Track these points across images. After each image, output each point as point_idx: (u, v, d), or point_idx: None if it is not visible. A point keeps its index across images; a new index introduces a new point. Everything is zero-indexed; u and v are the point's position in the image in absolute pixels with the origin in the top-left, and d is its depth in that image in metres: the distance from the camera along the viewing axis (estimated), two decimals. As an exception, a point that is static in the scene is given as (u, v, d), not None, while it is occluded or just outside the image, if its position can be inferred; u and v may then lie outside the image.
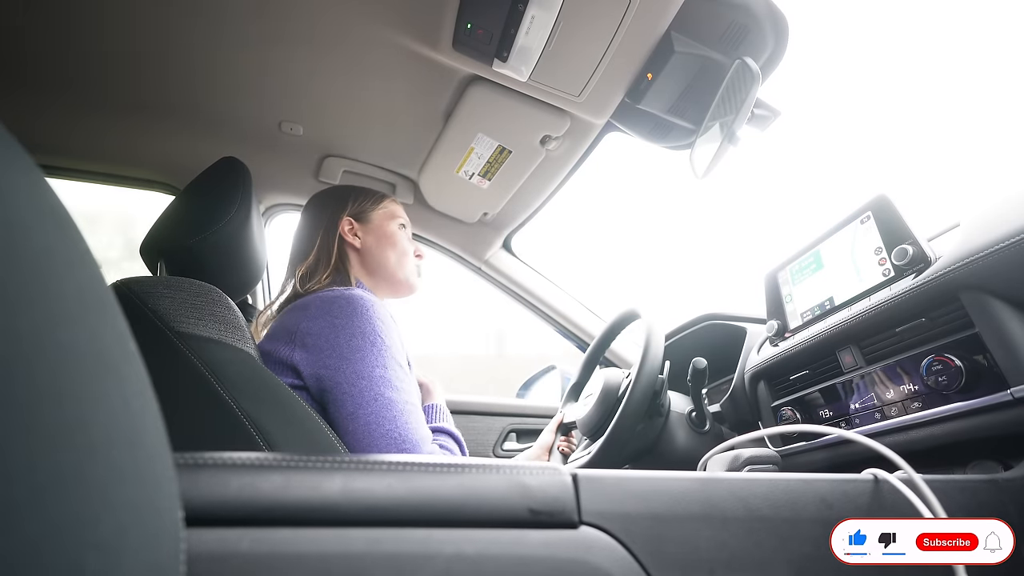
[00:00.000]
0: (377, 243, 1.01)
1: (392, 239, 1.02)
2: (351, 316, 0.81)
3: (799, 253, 1.02)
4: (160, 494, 0.23)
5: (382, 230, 1.03)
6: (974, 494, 0.59)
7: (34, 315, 0.18)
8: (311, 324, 0.81)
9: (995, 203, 0.73)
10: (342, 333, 0.79)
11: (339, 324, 0.80)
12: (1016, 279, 0.65)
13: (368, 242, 1.01)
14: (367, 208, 1.04)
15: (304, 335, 0.80)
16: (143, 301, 0.71)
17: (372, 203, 1.05)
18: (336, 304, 0.82)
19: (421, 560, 0.39)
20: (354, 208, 1.03)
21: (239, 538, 0.36)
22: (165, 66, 1.07)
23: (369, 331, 0.80)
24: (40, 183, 0.21)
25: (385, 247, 1.01)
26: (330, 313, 0.81)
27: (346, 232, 1.00)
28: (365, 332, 0.80)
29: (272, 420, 0.70)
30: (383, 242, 1.01)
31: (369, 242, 1.01)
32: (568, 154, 1.24)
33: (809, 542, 0.50)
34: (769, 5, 0.90)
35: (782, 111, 1.00)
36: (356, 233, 1.01)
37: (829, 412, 0.89)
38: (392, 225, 1.04)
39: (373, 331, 0.80)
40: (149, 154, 1.27)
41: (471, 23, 0.91)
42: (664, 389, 1.00)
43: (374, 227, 1.02)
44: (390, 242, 1.02)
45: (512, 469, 0.46)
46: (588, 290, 1.67)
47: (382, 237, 1.02)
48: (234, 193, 0.86)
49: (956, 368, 0.68)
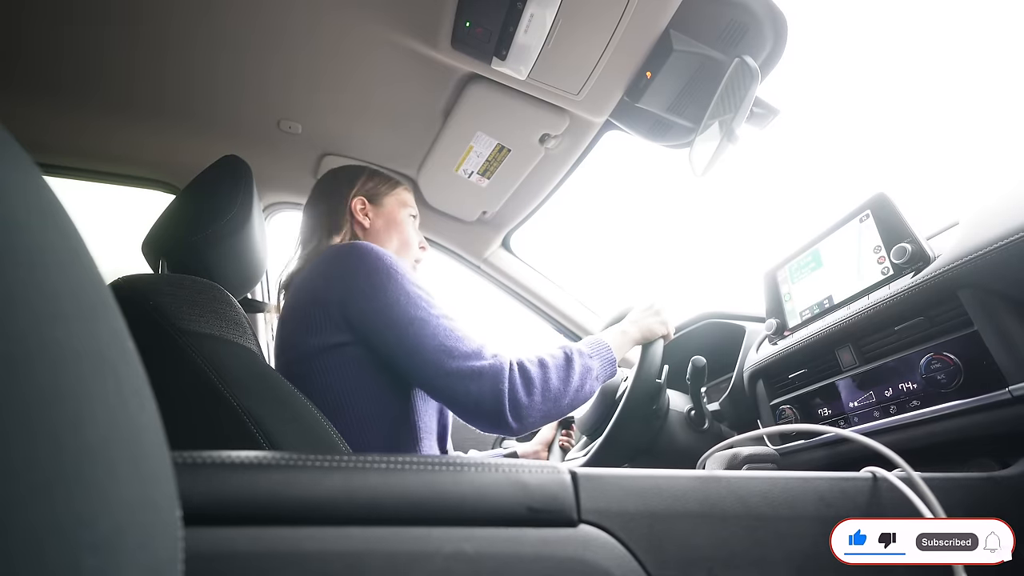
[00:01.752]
0: (385, 227, 1.01)
1: (400, 227, 1.02)
2: (360, 258, 0.81)
3: (798, 251, 1.02)
4: (158, 493, 0.23)
5: (392, 215, 1.02)
6: (972, 492, 0.59)
7: (30, 313, 0.18)
8: (327, 279, 0.81)
9: (994, 201, 0.73)
10: (358, 274, 0.80)
11: (352, 267, 0.80)
12: (1015, 277, 0.65)
13: (376, 224, 1.01)
14: (381, 191, 1.03)
15: (323, 290, 0.81)
16: (144, 298, 0.71)
17: (387, 187, 1.05)
18: (343, 251, 0.83)
19: (420, 558, 0.39)
20: (369, 188, 1.03)
21: (238, 537, 0.36)
22: (164, 65, 1.07)
23: (381, 267, 0.80)
24: (37, 181, 0.21)
25: (391, 233, 1.01)
26: (340, 262, 0.82)
27: (357, 210, 1.00)
28: (378, 268, 0.80)
29: (273, 417, 0.69)
30: (390, 227, 1.01)
31: (377, 225, 1.01)
32: (567, 153, 1.24)
33: (808, 540, 0.50)
34: (768, 3, 0.90)
35: (781, 109, 1.00)
36: (367, 213, 1.00)
37: (828, 410, 0.89)
38: (402, 213, 1.03)
39: (385, 266, 0.80)
40: (148, 153, 1.27)
41: (470, 21, 0.91)
42: (663, 389, 1.00)
43: (385, 211, 1.02)
44: (397, 229, 1.02)
45: (511, 467, 0.46)
46: (587, 289, 1.67)
47: (391, 222, 1.01)
48: (235, 191, 0.86)
49: (955, 366, 0.68)
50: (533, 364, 0.78)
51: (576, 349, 0.84)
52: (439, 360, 0.75)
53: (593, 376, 0.83)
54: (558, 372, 0.79)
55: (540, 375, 0.77)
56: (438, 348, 0.75)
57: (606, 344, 0.89)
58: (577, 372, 0.81)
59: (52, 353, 0.18)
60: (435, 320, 0.78)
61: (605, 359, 0.87)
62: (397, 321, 0.77)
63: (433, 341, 0.76)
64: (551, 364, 0.80)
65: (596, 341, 0.89)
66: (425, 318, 0.77)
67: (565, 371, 0.80)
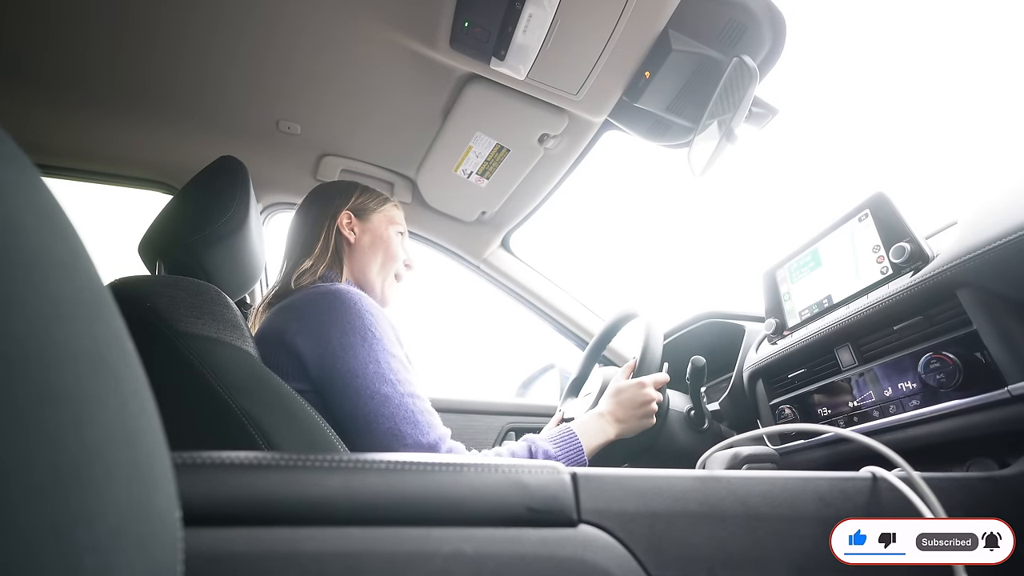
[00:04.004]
0: (371, 244, 1.00)
1: (386, 244, 1.01)
2: (339, 311, 0.79)
3: (797, 251, 1.02)
4: (157, 493, 0.22)
5: (378, 232, 1.01)
6: (972, 492, 0.59)
7: (29, 314, 0.18)
8: (300, 324, 0.80)
9: (993, 200, 0.73)
10: (333, 330, 0.78)
11: (327, 321, 0.78)
12: (1014, 276, 0.65)
13: (363, 240, 1.00)
14: (369, 206, 1.02)
15: (294, 335, 0.79)
16: (141, 300, 0.71)
17: (375, 203, 1.04)
18: (324, 299, 0.81)
19: (419, 559, 0.39)
20: (356, 203, 1.02)
21: (237, 538, 0.36)
22: (163, 65, 1.07)
23: (359, 325, 0.78)
24: (35, 182, 0.21)
25: (377, 249, 1.00)
26: (318, 310, 0.80)
27: (343, 225, 0.99)
28: (355, 327, 0.78)
29: (271, 419, 0.69)
30: (376, 244, 1.00)
31: (363, 240, 1.00)
32: (566, 152, 1.24)
33: (808, 540, 0.50)
34: (767, 3, 0.90)
35: (780, 109, 1.00)
36: (353, 228, 1.00)
37: (827, 410, 0.89)
38: (390, 230, 1.02)
39: (363, 325, 0.78)
40: (146, 153, 1.27)
41: (468, 21, 0.91)
42: (662, 389, 1.00)
43: (372, 227, 1.01)
44: (383, 246, 1.00)
45: (511, 468, 0.46)
46: (587, 288, 1.67)
47: (377, 239, 1.00)
48: (233, 192, 0.86)
49: (954, 366, 0.68)
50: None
51: (541, 448, 0.82)
52: (388, 444, 0.73)
53: None
54: None
55: None
56: (393, 434, 0.74)
57: (578, 446, 0.85)
58: None
59: (51, 354, 0.18)
60: (398, 399, 0.76)
61: (571, 457, 0.83)
62: (358, 391, 0.75)
63: (390, 423, 0.74)
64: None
65: (567, 440, 0.85)
66: (388, 394, 0.75)
67: None
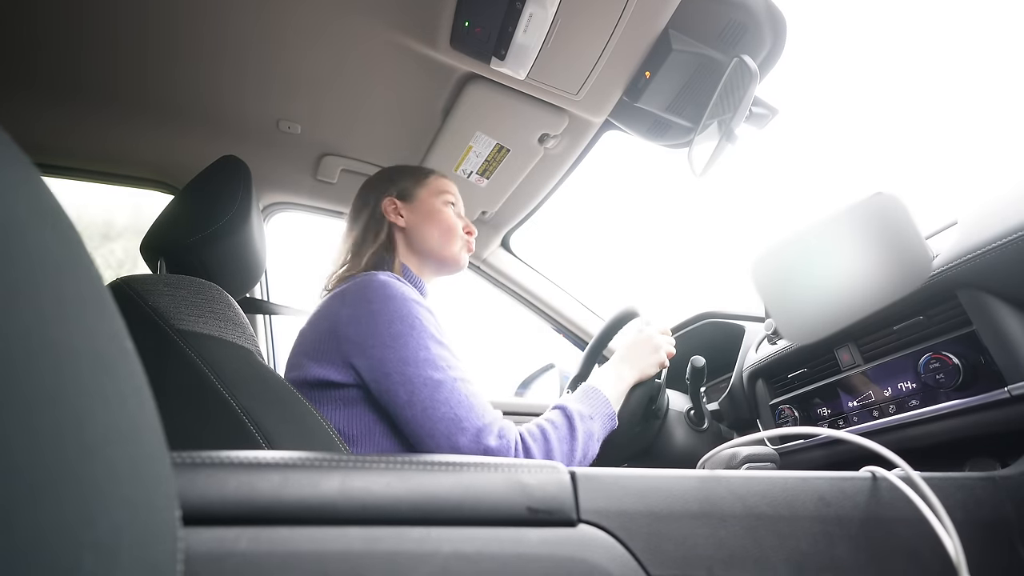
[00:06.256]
0: (421, 221, 1.00)
1: (437, 216, 1.00)
2: (385, 301, 0.79)
3: (797, 251, 1.02)
4: (157, 493, 0.23)
5: (426, 207, 1.01)
6: (971, 492, 0.59)
7: (29, 314, 0.18)
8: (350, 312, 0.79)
9: (992, 201, 0.73)
10: (381, 319, 0.78)
11: (376, 310, 0.78)
12: (1013, 277, 0.65)
13: (412, 221, 1.00)
14: (411, 186, 1.02)
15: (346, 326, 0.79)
16: (143, 299, 0.71)
17: (416, 180, 1.04)
18: (369, 289, 0.81)
19: (419, 559, 0.39)
20: (399, 188, 1.02)
21: (237, 537, 0.36)
22: (163, 65, 1.07)
23: (406, 314, 0.78)
24: (35, 182, 0.21)
25: (429, 224, 0.99)
26: (366, 299, 0.80)
27: (389, 212, 0.99)
28: (403, 316, 0.78)
29: (272, 417, 0.69)
30: (427, 220, 1.00)
31: (413, 220, 1.00)
32: (566, 152, 1.24)
33: (807, 540, 0.50)
34: (767, 3, 0.90)
35: (780, 109, 1.00)
36: (400, 212, 1.00)
37: (827, 410, 0.90)
38: (437, 201, 1.02)
39: (410, 313, 0.78)
40: (147, 153, 1.27)
41: (469, 21, 0.91)
42: (662, 389, 1.00)
43: (419, 204, 1.01)
44: (435, 219, 1.00)
45: (510, 467, 0.46)
46: (587, 288, 1.67)
47: (426, 214, 1.00)
48: (234, 191, 0.86)
49: (953, 366, 0.69)
50: (537, 441, 0.77)
51: (576, 412, 0.82)
52: (449, 431, 0.73)
53: (595, 439, 0.82)
54: (561, 445, 0.78)
55: (544, 452, 0.76)
56: (450, 418, 0.74)
57: (604, 398, 0.87)
58: (580, 441, 0.80)
59: (52, 353, 0.18)
60: (451, 383, 0.76)
61: (604, 415, 0.86)
62: (412, 379, 0.75)
63: (445, 408, 0.74)
64: (554, 437, 0.78)
65: (593, 395, 0.87)
66: (441, 380, 0.75)
67: (569, 443, 0.79)
